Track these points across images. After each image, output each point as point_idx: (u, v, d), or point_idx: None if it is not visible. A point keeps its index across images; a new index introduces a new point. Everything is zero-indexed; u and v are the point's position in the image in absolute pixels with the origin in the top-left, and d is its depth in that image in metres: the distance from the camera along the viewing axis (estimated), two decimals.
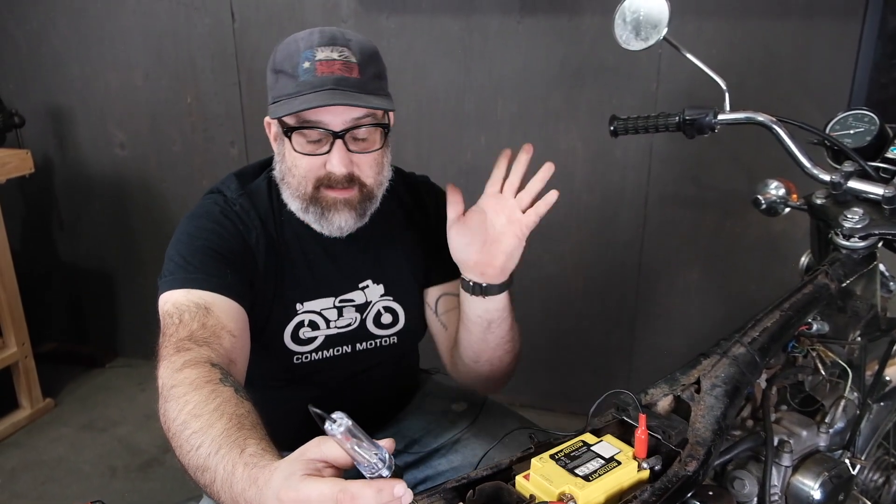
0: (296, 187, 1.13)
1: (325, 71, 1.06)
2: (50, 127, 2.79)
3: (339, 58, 1.07)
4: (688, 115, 1.28)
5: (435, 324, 1.32)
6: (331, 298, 1.23)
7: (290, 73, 1.08)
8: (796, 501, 0.95)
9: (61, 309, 3.10)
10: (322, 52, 1.07)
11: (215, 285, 1.06)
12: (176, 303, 1.04)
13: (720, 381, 0.92)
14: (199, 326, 0.99)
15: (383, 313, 1.27)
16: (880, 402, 1.33)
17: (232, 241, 1.13)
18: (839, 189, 1.16)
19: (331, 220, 1.13)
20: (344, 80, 1.06)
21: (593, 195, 2.37)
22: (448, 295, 1.30)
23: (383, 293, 1.27)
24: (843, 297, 1.19)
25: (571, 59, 2.25)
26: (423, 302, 1.32)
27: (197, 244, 1.11)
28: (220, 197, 1.19)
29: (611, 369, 2.53)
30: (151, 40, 2.58)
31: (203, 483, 0.77)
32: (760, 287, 2.32)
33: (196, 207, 1.18)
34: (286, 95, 1.08)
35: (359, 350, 1.27)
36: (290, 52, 1.10)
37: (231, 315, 1.05)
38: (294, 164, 1.12)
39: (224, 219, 1.15)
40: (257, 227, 1.17)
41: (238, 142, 2.63)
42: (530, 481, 0.75)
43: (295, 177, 1.12)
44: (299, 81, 1.07)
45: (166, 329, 1.01)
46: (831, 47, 2.05)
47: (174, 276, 1.08)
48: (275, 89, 1.11)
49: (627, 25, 1.28)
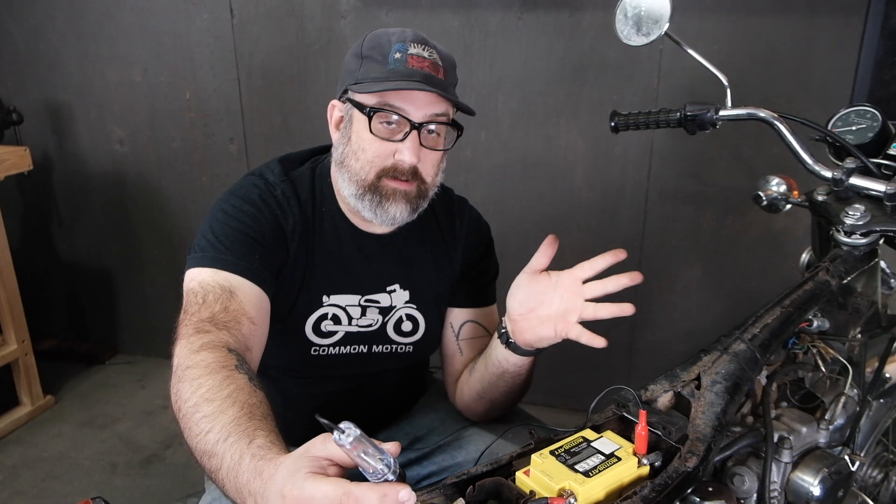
0: (357, 171, 1.13)
1: (415, 65, 1.09)
2: (48, 124, 2.79)
3: (429, 57, 1.11)
4: (689, 111, 1.28)
5: (451, 345, 1.32)
6: (357, 296, 1.23)
7: (379, 59, 1.10)
8: (796, 498, 0.95)
9: (61, 306, 3.10)
10: (414, 48, 1.10)
11: (243, 269, 1.06)
12: (202, 282, 1.04)
13: (720, 378, 0.92)
14: (222, 309, 1.00)
15: (405, 320, 1.28)
16: (880, 399, 1.33)
17: (266, 225, 1.13)
18: (841, 186, 1.16)
19: (387, 209, 1.13)
20: (431, 77, 1.09)
21: (593, 191, 2.37)
22: (473, 323, 1.31)
23: (408, 300, 1.27)
24: (843, 293, 1.19)
25: (572, 56, 2.25)
26: (443, 317, 1.33)
27: (231, 224, 1.11)
28: (262, 180, 1.19)
29: (611, 366, 2.53)
30: (150, 36, 2.58)
31: (209, 468, 0.77)
32: (761, 284, 2.31)
33: (235, 186, 1.19)
34: (373, 78, 1.10)
35: (374, 352, 1.27)
36: (380, 42, 1.12)
37: (254, 302, 1.05)
38: (361, 148, 1.12)
39: (261, 202, 1.15)
40: (296, 213, 1.17)
41: (237, 138, 2.63)
42: (530, 477, 0.75)
43: (359, 160, 1.12)
44: (389, 68, 1.09)
45: (188, 307, 1.01)
46: (833, 43, 2.05)
47: (204, 253, 1.08)
48: (359, 72, 1.12)
49: (629, 21, 1.28)
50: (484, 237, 1.36)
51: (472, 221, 1.34)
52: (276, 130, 2.58)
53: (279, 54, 2.48)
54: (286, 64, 2.49)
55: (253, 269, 1.07)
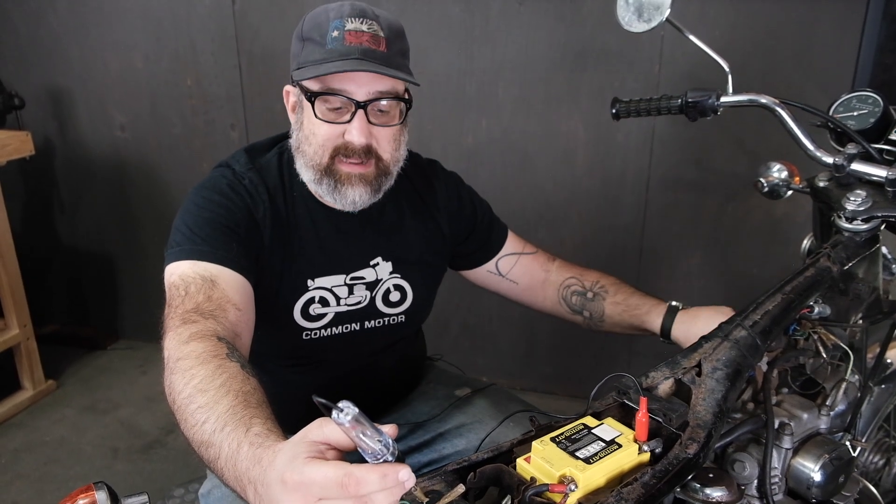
0: (311, 156, 1.13)
1: (353, 41, 1.07)
2: (50, 109, 2.78)
3: (368, 30, 1.09)
4: (690, 98, 1.27)
5: (502, 284, 1.44)
6: (342, 276, 1.23)
7: (318, 40, 1.09)
8: (797, 483, 0.95)
9: (62, 291, 3.10)
10: (352, 22, 1.08)
11: (221, 258, 1.06)
12: (182, 274, 1.04)
13: (721, 364, 0.92)
14: (205, 299, 0.99)
15: (392, 291, 1.28)
16: (881, 385, 1.33)
17: (238, 214, 1.13)
18: (842, 171, 1.16)
19: (344, 193, 1.13)
20: (371, 52, 1.08)
21: (594, 179, 2.36)
22: (506, 258, 1.42)
23: (392, 270, 1.27)
24: (844, 280, 1.18)
25: (573, 42, 2.24)
26: (430, 282, 1.34)
27: (204, 216, 1.11)
28: (229, 171, 1.18)
29: (611, 353, 2.54)
30: (151, 22, 2.56)
31: (207, 458, 0.77)
32: (762, 270, 2.31)
33: (205, 179, 1.18)
34: (312, 62, 1.09)
35: (367, 328, 1.27)
36: (318, 21, 1.10)
37: (236, 288, 1.05)
38: (312, 133, 1.12)
39: (231, 192, 1.15)
40: (265, 201, 1.16)
41: (238, 125, 2.62)
42: (531, 464, 0.75)
43: (311, 145, 1.12)
44: (327, 49, 1.08)
45: (172, 301, 1.01)
46: (835, 29, 2.03)
47: (181, 247, 1.08)
48: (300, 56, 1.12)
49: (630, 7, 1.27)
50: (462, 192, 1.38)
51: (448, 176, 1.38)
52: (276, 117, 2.57)
53: (281, 41, 2.47)
54: (287, 50, 2.47)
55: (231, 256, 1.07)
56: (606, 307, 1.36)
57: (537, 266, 1.43)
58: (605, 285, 1.38)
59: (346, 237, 1.23)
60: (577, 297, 1.39)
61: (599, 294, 1.37)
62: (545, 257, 1.44)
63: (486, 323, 2.64)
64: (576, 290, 1.39)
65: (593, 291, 1.38)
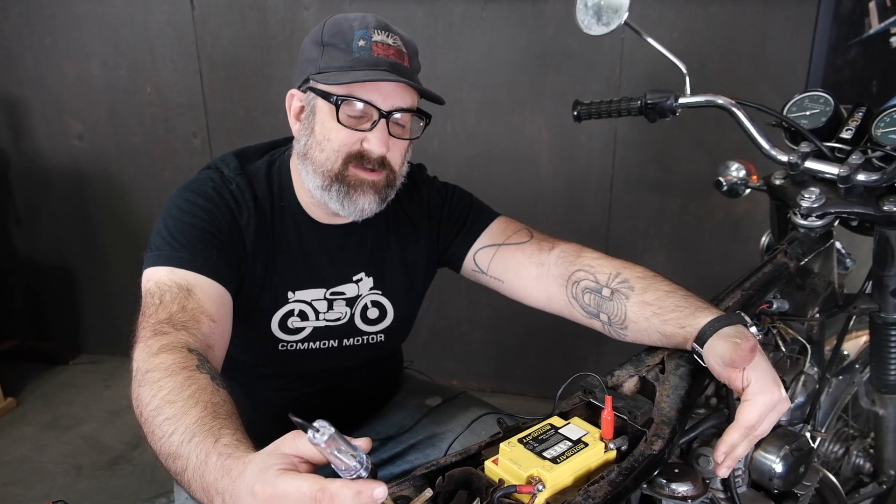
0: (322, 161, 1.10)
1: (381, 53, 1.07)
2: (3, 119, 2.71)
3: (394, 44, 1.09)
4: (649, 99, 1.29)
5: (491, 283, 1.25)
6: (322, 290, 1.21)
7: (343, 47, 1.08)
8: (759, 475, 0.97)
9: (21, 305, 3.02)
10: (378, 34, 1.08)
11: (199, 266, 1.04)
12: (158, 281, 1.01)
13: (684, 361, 0.94)
14: (179, 309, 0.97)
15: (370, 307, 1.26)
16: (839, 376, 1.36)
17: (221, 219, 1.11)
18: (797, 169, 1.19)
19: (355, 200, 1.11)
20: (398, 66, 1.08)
21: (559, 180, 2.39)
22: (482, 249, 1.25)
23: (372, 286, 1.25)
24: (801, 275, 1.21)
25: (535, 46, 2.26)
26: (414, 301, 1.32)
27: (186, 220, 1.08)
28: (217, 174, 1.16)
29: (580, 353, 2.56)
30: (107, 28, 2.52)
31: (174, 470, 0.75)
32: (724, 267, 2.36)
33: (190, 180, 1.16)
34: (337, 67, 1.07)
35: (345, 346, 1.25)
36: (341, 29, 1.09)
37: (213, 298, 1.03)
38: (326, 138, 1.10)
39: (216, 195, 1.12)
40: (250, 208, 1.14)
41: (200, 132, 2.59)
42: (499, 466, 0.76)
43: (324, 150, 1.10)
44: (353, 57, 1.07)
45: (146, 309, 0.99)
46: (788, 31, 2.08)
47: (160, 251, 1.05)
48: (321, 61, 1.10)
49: (589, 10, 1.29)
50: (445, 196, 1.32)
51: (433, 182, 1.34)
52: (239, 124, 2.55)
53: (242, 46, 2.45)
54: (249, 56, 2.45)
55: (210, 264, 1.05)
56: (630, 309, 1.05)
57: (523, 258, 1.19)
58: (629, 279, 1.08)
59: (329, 251, 1.22)
60: (591, 296, 1.10)
61: (620, 291, 1.08)
62: (538, 246, 1.19)
63: (454, 326, 2.65)
64: (587, 287, 1.11)
65: (611, 288, 1.09)
